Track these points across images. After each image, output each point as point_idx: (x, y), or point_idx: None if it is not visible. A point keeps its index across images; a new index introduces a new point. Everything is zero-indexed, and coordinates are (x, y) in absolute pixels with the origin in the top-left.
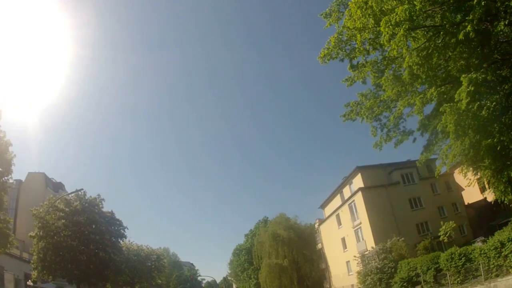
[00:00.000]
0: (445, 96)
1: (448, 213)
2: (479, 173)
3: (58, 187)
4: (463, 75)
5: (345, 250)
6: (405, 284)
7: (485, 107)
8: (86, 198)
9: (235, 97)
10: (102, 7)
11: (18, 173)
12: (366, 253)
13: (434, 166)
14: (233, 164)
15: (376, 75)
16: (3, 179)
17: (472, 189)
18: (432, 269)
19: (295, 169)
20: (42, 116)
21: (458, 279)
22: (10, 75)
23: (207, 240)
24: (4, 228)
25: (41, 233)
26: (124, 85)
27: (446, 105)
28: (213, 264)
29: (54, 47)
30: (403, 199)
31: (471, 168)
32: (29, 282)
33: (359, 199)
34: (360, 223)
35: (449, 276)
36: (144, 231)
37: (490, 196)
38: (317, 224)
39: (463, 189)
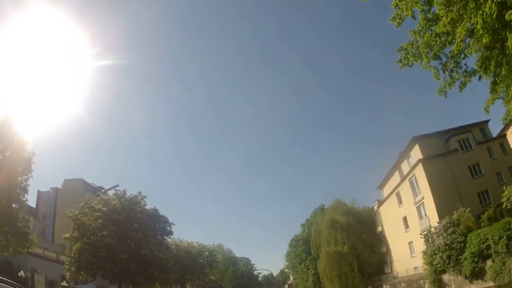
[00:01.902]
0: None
1: (506, 178)
2: None
3: (99, 191)
4: None
5: (407, 230)
6: (475, 259)
7: None
8: (126, 196)
9: (278, 78)
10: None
11: (57, 181)
12: (431, 229)
13: (488, 129)
14: (286, 151)
15: (424, 8)
16: (23, 177)
17: None
18: (504, 237)
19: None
20: (73, 123)
21: None
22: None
23: (263, 234)
24: (23, 227)
25: (76, 234)
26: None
27: (510, 11)
28: (270, 257)
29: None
30: (463, 167)
31: None
32: (64, 283)
33: (419, 171)
34: (423, 198)
35: None
36: (198, 229)
37: None
38: (376, 205)
39: None
